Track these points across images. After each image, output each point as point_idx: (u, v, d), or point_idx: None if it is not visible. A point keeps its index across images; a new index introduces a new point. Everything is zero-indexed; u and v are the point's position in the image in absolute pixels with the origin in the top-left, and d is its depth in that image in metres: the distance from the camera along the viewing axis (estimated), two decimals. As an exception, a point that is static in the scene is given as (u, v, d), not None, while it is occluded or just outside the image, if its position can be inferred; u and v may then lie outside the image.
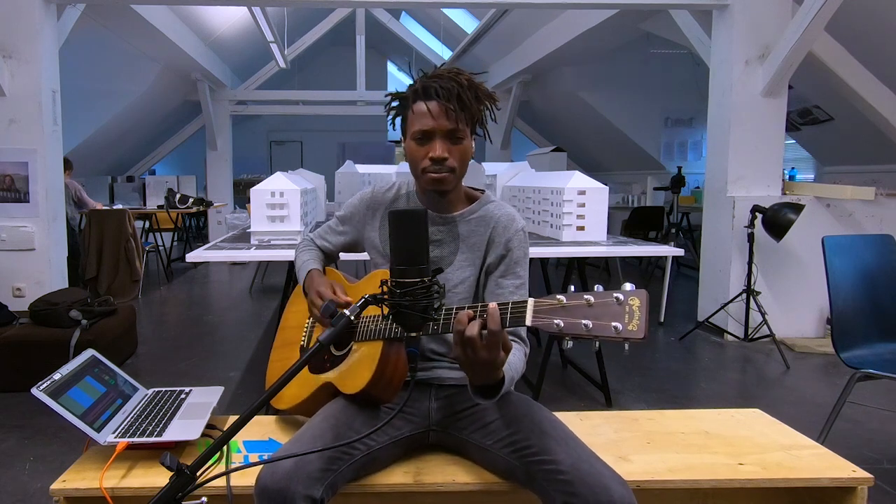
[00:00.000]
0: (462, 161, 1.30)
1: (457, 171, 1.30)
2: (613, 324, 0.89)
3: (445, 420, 1.36)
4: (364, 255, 1.57)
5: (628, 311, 0.89)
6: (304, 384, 1.41)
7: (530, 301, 0.99)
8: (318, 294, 1.31)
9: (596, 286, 0.95)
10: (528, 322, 0.97)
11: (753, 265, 4.01)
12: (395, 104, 1.35)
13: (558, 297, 0.95)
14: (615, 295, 0.90)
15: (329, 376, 1.33)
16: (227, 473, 1.23)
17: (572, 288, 1.02)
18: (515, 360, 1.22)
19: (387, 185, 1.47)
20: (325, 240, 1.55)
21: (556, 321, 0.94)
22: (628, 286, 0.91)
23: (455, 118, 1.25)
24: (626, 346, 0.93)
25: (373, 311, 1.22)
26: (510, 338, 1.29)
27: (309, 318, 1.53)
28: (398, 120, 1.36)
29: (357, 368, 1.27)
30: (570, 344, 0.97)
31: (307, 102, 10.08)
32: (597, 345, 0.98)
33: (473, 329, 1.01)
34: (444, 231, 1.38)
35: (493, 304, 1.01)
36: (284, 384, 0.98)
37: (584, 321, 0.92)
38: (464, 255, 1.36)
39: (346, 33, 9.49)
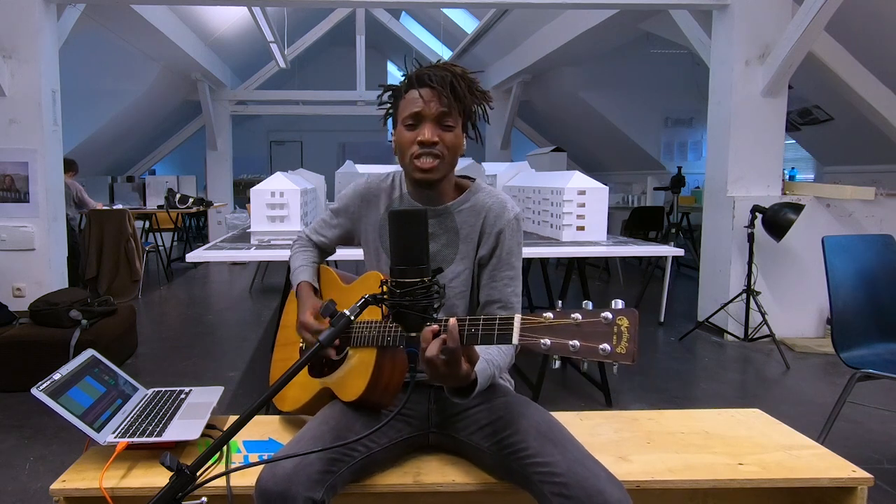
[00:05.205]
0: (452, 151, 1.27)
1: (446, 159, 1.26)
2: (601, 346, 0.88)
3: (444, 422, 1.35)
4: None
5: (617, 331, 0.88)
6: (305, 388, 1.40)
7: (517, 318, 0.97)
8: (303, 325, 1.33)
9: (585, 302, 0.93)
10: (515, 341, 0.96)
11: (753, 265, 4.01)
12: (388, 97, 1.33)
13: (545, 314, 0.94)
14: (603, 314, 0.89)
15: (327, 382, 1.33)
16: (227, 473, 1.23)
17: (559, 304, 1.01)
18: (498, 354, 1.23)
19: (381, 176, 1.45)
20: (320, 234, 1.54)
21: (542, 341, 0.93)
22: (619, 304, 0.90)
23: (448, 104, 1.23)
24: (615, 368, 0.92)
25: (367, 315, 1.21)
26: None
27: None
28: (391, 115, 1.34)
29: (353, 376, 1.26)
30: (558, 364, 0.96)
31: (307, 102, 10.08)
32: (585, 365, 0.98)
33: (433, 349, 1.02)
34: (436, 223, 1.35)
35: (453, 321, 1.01)
36: (284, 385, 0.99)
37: (571, 342, 0.91)
38: (458, 247, 1.35)
39: (346, 33, 9.49)
